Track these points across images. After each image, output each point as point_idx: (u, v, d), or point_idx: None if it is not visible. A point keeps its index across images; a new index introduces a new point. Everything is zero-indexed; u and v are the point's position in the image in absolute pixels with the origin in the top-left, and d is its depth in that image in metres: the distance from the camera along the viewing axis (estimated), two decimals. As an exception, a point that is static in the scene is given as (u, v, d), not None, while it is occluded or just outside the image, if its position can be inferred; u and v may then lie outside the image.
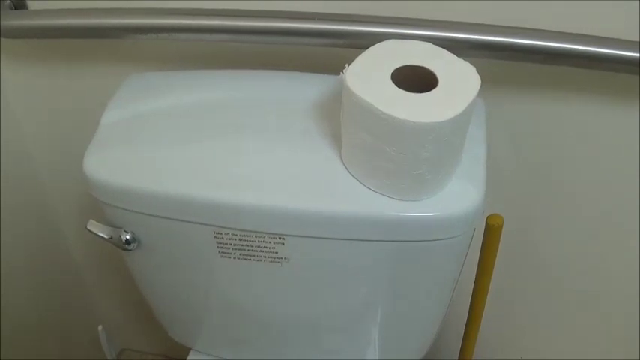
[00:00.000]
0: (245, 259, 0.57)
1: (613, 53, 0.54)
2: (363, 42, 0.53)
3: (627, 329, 0.82)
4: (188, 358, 0.77)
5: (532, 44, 0.54)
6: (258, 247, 0.55)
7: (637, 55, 0.53)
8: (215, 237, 0.55)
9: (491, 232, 0.63)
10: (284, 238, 0.54)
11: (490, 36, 0.55)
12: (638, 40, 0.54)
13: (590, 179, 0.68)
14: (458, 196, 0.51)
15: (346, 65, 0.48)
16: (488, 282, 0.69)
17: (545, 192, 0.71)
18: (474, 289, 0.71)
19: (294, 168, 0.53)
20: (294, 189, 0.52)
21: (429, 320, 0.66)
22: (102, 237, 0.59)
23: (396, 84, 0.47)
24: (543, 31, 0.55)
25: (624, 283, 0.76)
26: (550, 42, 0.54)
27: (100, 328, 0.89)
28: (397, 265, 0.56)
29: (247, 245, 0.55)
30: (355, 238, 0.53)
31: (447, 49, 0.51)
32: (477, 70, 0.48)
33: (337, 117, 0.51)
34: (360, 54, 0.50)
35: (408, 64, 0.49)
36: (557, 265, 0.78)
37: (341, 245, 0.53)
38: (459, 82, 0.48)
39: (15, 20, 0.65)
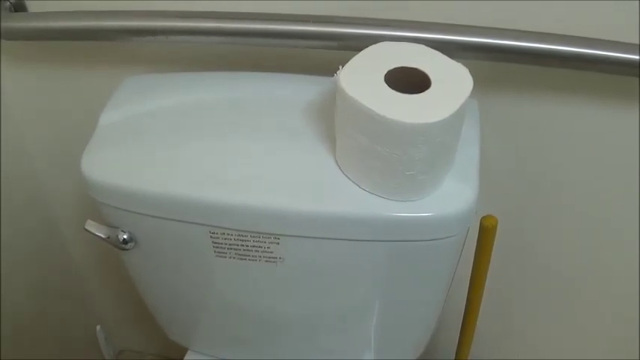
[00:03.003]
0: (241, 258, 0.57)
1: (611, 55, 0.54)
2: (357, 44, 0.53)
3: (627, 329, 0.82)
4: (185, 358, 0.78)
5: (525, 46, 0.54)
6: (254, 247, 0.55)
7: (637, 57, 0.53)
8: (211, 237, 0.56)
9: (486, 233, 0.63)
10: (279, 238, 0.54)
11: (484, 38, 0.55)
12: (637, 42, 0.54)
13: (585, 180, 0.68)
14: (452, 197, 0.52)
15: (340, 67, 0.48)
16: (484, 283, 0.69)
17: (540, 193, 0.71)
18: (469, 289, 0.71)
19: (288, 169, 0.53)
20: (289, 190, 0.52)
21: (423, 319, 0.66)
22: (99, 237, 0.59)
23: (389, 85, 0.47)
24: (537, 32, 0.55)
25: (624, 282, 0.76)
26: (543, 44, 0.54)
27: (98, 328, 0.89)
28: (391, 265, 0.56)
29: (243, 245, 0.56)
30: (349, 238, 0.53)
31: (440, 50, 0.51)
32: (470, 72, 0.49)
33: (331, 118, 0.52)
34: (353, 56, 0.50)
35: (402, 65, 0.49)
36: (553, 266, 0.78)
37: (335, 245, 0.54)
38: (452, 83, 0.48)
39: (14, 22, 0.65)
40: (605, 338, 0.85)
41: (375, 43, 0.52)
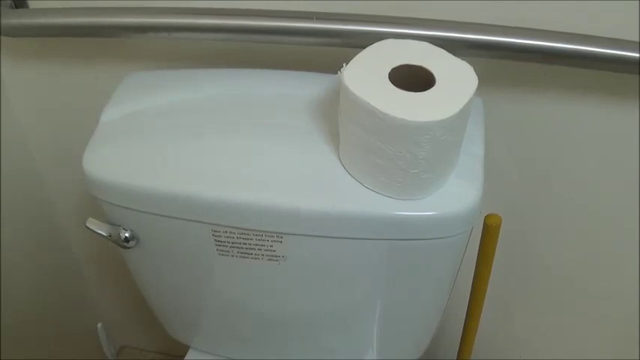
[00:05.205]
0: (243, 257, 0.57)
1: (613, 53, 0.54)
2: (361, 41, 0.53)
3: (627, 329, 0.82)
4: (186, 356, 0.78)
5: (530, 44, 0.54)
6: (256, 245, 0.55)
7: (637, 55, 0.53)
8: (213, 235, 0.55)
9: (489, 231, 0.63)
10: (282, 237, 0.54)
11: (488, 35, 0.55)
12: (638, 40, 0.54)
13: (589, 179, 0.68)
14: (455, 195, 0.51)
15: (344, 64, 0.48)
16: (487, 282, 0.69)
17: (543, 191, 0.71)
18: (472, 289, 0.71)
19: (291, 167, 0.53)
20: (292, 188, 0.52)
21: (426, 319, 0.66)
22: (101, 235, 0.59)
23: (393, 83, 0.47)
24: (541, 30, 0.55)
25: (624, 282, 0.76)
26: (548, 42, 0.54)
27: (99, 325, 0.89)
28: (394, 264, 0.56)
29: (245, 243, 0.55)
30: (352, 236, 0.53)
31: (444, 48, 0.51)
32: (475, 70, 0.48)
33: (335, 116, 0.51)
34: (357, 53, 0.50)
35: (406, 63, 0.49)
36: (556, 265, 0.78)
37: (338, 244, 0.53)
38: (457, 81, 0.48)
39: (16, 19, 0.65)
40: (607, 338, 0.85)
41: (379, 40, 0.51)
